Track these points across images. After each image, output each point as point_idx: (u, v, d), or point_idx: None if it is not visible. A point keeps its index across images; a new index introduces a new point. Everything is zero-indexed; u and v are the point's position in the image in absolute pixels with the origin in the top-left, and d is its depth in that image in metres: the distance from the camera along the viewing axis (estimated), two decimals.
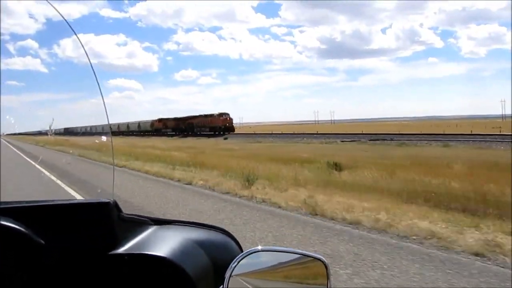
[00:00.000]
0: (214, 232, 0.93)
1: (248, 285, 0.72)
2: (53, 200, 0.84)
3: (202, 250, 0.85)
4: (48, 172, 10.82)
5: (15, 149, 22.75)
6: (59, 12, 0.92)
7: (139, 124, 70.73)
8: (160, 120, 65.34)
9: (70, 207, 0.85)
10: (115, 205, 0.83)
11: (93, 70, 0.95)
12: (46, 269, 0.75)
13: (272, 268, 0.76)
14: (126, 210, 0.87)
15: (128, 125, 72.67)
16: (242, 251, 0.85)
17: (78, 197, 7.23)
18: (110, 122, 0.98)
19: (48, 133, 1.57)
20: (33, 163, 13.49)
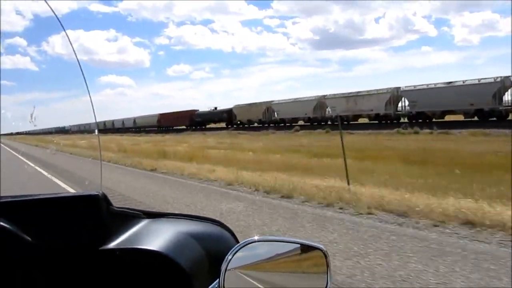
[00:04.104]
0: (208, 224, 0.91)
1: (246, 278, 0.69)
2: (39, 194, 0.81)
3: (197, 243, 0.83)
4: None
5: None
6: (52, 9, 0.88)
7: None
8: None
9: (57, 201, 0.82)
10: (104, 197, 0.80)
11: (80, 67, 0.91)
12: (34, 266, 0.72)
13: (269, 259, 0.73)
14: None
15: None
16: (238, 243, 0.83)
17: None
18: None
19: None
20: None
